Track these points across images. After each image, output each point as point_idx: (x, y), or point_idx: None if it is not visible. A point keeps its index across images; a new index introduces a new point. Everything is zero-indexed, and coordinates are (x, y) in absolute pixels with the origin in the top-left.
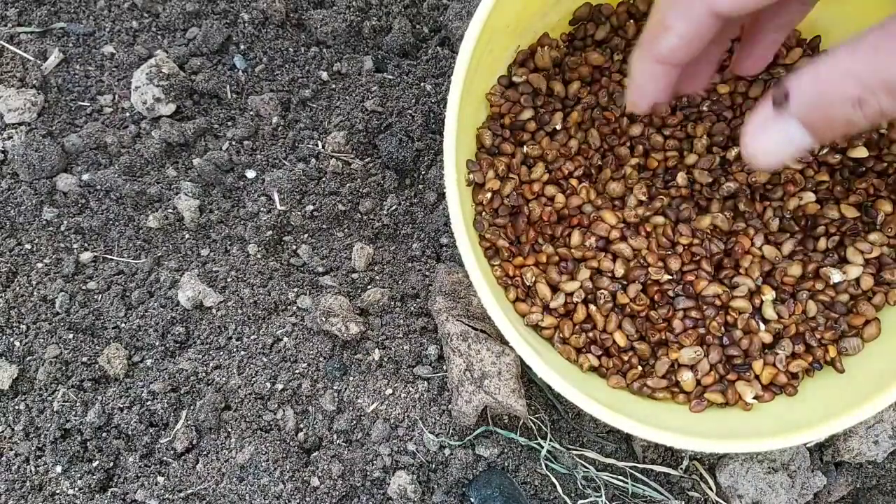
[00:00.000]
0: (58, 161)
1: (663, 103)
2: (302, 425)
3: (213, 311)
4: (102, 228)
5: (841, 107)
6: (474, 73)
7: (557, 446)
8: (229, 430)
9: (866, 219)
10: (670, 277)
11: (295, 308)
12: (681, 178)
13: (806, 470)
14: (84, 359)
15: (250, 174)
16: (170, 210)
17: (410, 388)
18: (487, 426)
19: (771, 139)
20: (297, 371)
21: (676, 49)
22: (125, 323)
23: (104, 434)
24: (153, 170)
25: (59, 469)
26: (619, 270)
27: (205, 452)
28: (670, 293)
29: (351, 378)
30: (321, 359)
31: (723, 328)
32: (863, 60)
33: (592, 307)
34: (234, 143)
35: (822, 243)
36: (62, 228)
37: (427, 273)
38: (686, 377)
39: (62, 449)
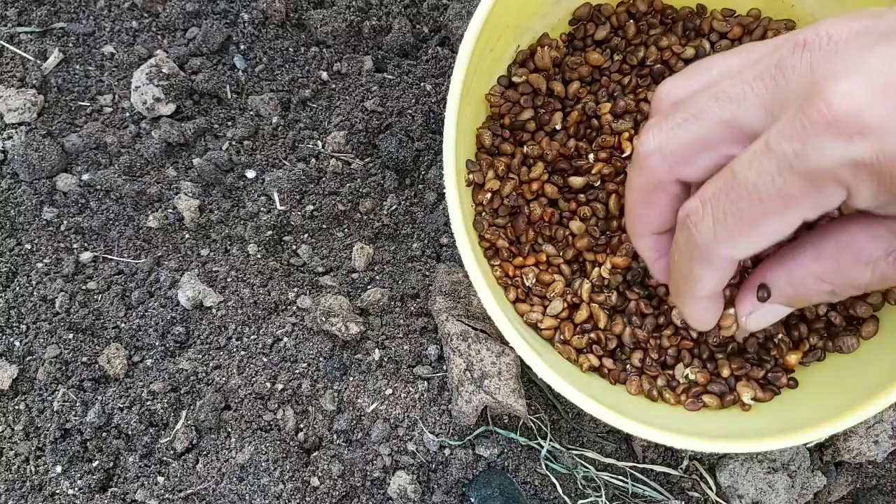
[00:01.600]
0: (58, 161)
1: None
2: (302, 425)
3: (213, 311)
4: (102, 228)
5: (817, 297)
6: (474, 73)
7: (557, 446)
8: (229, 430)
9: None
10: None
11: (295, 308)
12: None
13: (806, 470)
14: (84, 359)
15: (250, 174)
16: (170, 210)
17: (410, 388)
18: (487, 426)
19: (762, 318)
20: (297, 371)
21: (710, 293)
22: (125, 323)
23: (104, 434)
24: (153, 170)
25: (59, 469)
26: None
27: (205, 452)
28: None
29: (351, 378)
30: (321, 359)
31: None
32: (827, 268)
33: (594, 306)
34: (234, 143)
35: None
36: (62, 228)
37: (427, 273)
38: (684, 376)
39: (62, 449)
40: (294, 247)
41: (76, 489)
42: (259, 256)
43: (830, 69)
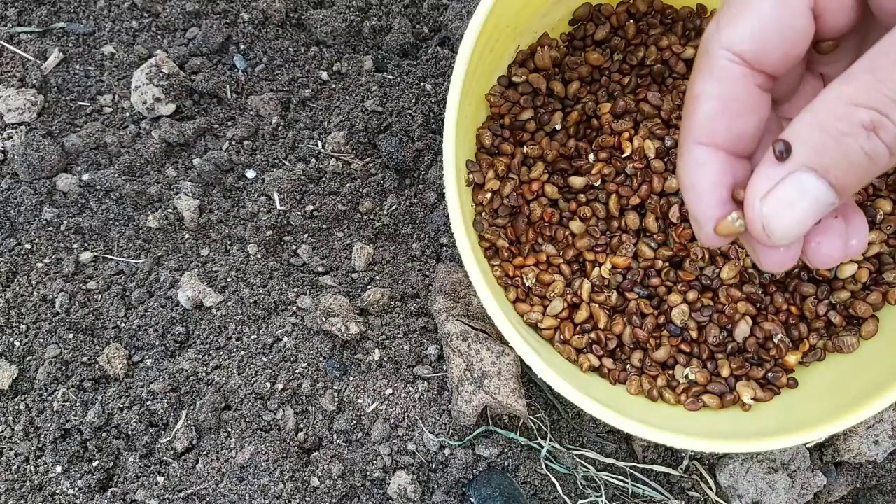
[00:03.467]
0: (58, 161)
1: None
2: (302, 425)
3: (213, 311)
4: (102, 228)
5: (853, 139)
6: (474, 73)
7: (557, 446)
8: (229, 430)
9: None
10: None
11: (295, 308)
12: None
13: (806, 470)
14: (84, 359)
15: (250, 174)
16: (170, 210)
17: (410, 388)
18: (487, 426)
19: (784, 197)
20: (297, 371)
21: (715, 117)
22: (125, 323)
23: (104, 434)
24: (153, 170)
25: (59, 469)
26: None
27: (205, 452)
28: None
29: (351, 378)
30: (321, 359)
31: (724, 330)
32: (861, 83)
33: (594, 306)
34: (234, 143)
35: None
36: (62, 228)
37: (427, 273)
38: (684, 376)
39: (62, 449)
40: (294, 247)
41: (76, 489)
42: (259, 256)
43: None
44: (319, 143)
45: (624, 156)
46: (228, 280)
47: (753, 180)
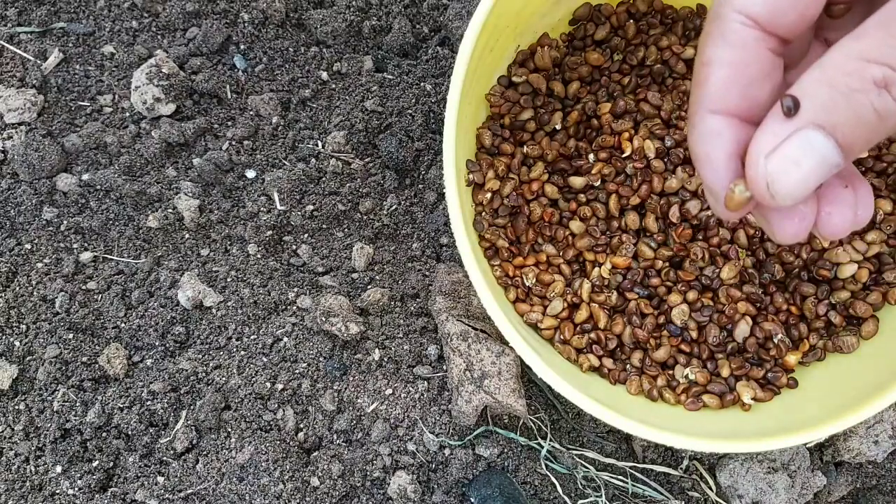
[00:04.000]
0: (58, 161)
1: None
2: (302, 425)
3: (213, 311)
4: (102, 228)
5: (864, 95)
6: (474, 73)
7: (557, 446)
8: (229, 430)
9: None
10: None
11: (295, 308)
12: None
13: (806, 470)
14: (84, 359)
15: (250, 174)
16: (170, 210)
17: (410, 388)
18: (487, 426)
19: (791, 155)
20: (297, 371)
21: (729, 84)
22: (125, 323)
23: (104, 434)
24: (153, 170)
25: (59, 469)
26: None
27: (205, 452)
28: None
29: (351, 378)
30: (321, 359)
31: (724, 331)
32: (873, 39)
33: (594, 306)
34: (234, 143)
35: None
36: (62, 228)
37: (427, 273)
38: (684, 376)
39: (62, 449)
40: (294, 247)
41: (76, 489)
42: (259, 256)
43: None
44: (319, 143)
45: (624, 156)
46: (228, 280)
47: (758, 137)
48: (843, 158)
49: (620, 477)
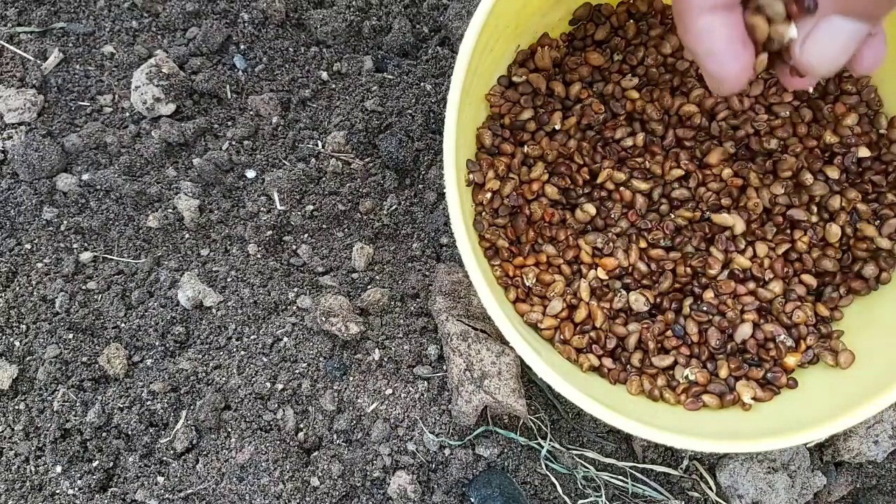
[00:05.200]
0: (58, 161)
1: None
2: (302, 425)
3: (213, 310)
4: (102, 228)
5: None
6: (474, 73)
7: (557, 446)
8: (229, 430)
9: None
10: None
11: (295, 308)
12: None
13: (806, 470)
14: (84, 359)
15: (250, 174)
16: (170, 210)
17: (410, 388)
18: (487, 426)
19: (821, 39)
20: (297, 371)
21: None
22: (125, 323)
23: (104, 434)
24: (153, 170)
25: (59, 469)
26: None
27: (205, 452)
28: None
29: (351, 378)
30: (321, 359)
31: (725, 333)
32: None
33: (594, 305)
34: (234, 142)
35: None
36: (62, 228)
37: (427, 273)
38: (684, 376)
39: (62, 449)
40: (294, 247)
41: (76, 489)
42: (259, 256)
43: None
44: (319, 143)
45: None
46: (228, 280)
47: (797, 29)
48: (869, 26)
49: (620, 477)
